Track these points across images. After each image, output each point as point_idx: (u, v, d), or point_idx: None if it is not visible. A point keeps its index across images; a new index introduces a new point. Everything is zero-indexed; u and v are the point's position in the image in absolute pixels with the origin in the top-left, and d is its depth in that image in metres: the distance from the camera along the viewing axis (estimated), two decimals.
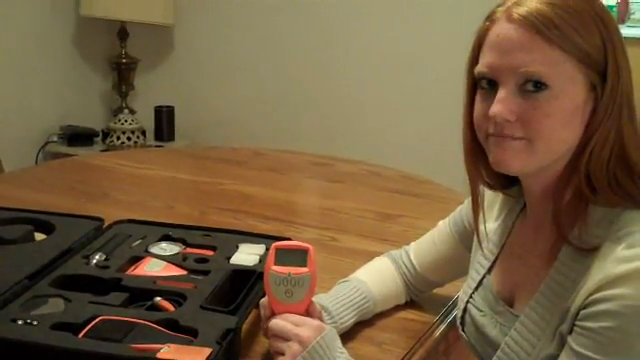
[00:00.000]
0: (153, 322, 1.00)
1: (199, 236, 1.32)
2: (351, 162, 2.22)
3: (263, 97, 3.30)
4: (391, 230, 1.63)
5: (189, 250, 1.27)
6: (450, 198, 1.73)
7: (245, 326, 1.05)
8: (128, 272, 1.18)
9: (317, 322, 0.97)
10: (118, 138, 3.25)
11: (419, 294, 1.25)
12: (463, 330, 1.07)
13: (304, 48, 3.19)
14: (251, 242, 1.30)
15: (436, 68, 2.94)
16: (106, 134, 3.29)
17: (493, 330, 0.99)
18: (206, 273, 1.17)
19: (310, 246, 0.99)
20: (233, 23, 3.29)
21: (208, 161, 2.25)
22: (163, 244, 1.28)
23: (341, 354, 0.96)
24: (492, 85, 0.89)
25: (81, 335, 0.97)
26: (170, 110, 3.32)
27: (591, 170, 0.87)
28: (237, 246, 1.28)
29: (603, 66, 0.86)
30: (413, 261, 1.22)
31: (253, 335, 1.09)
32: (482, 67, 0.89)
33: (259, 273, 1.14)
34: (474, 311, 1.04)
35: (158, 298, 1.08)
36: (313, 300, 1.00)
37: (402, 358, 1.09)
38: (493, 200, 1.07)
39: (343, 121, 3.16)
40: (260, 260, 1.22)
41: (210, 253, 1.26)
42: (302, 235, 1.55)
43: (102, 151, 3.15)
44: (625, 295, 0.80)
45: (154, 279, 1.14)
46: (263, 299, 1.01)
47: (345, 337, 1.07)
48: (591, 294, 0.82)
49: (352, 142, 3.06)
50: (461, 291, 1.10)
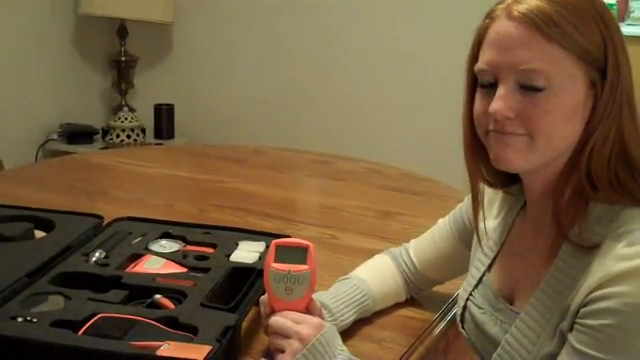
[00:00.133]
0: (153, 319, 1.00)
1: (199, 234, 1.32)
2: (351, 160, 2.22)
3: (263, 97, 3.30)
4: (391, 228, 1.63)
5: (189, 248, 1.27)
6: (450, 196, 1.74)
7: (245, 324, 1.05)
8: (128, 269, 1.18)
9: (317, 320, 0.97)
10: (118, 136, 3.25)
11: (419, 292, 1.25)
12: (463, 327, 1.07)
13: (304, 48, 3.18)
14: (251, 240, 1.30)
15: (436, 68, 2.93)
16: (106, 132, 3.29)
17: (493, 327, 0.99)
18: (206, 271, 1.17)
19: (310, 243, 0.99)
20: (233, 21, 3.29)
21: (208, 159, 2.25)
22: (163, 242, 1.28)
23: (341, 351, 0.96)
24: (492, 82, 0.89)
25: (81, 332, 0.97)
26: (170, 108, 3.32)
27: (592, 168, 0.87)
28: (237, 244, 1.28)
29: (603, 63, 0.86)
30: (413, 259, 1.22)
31: (253, 333, 1.09)
32: (482, 64, 0.89)
33: (259, 270, 1.14)
34: (474, 308, 1.04)
35: (158, 295, 1.08)
36: (313, 297, 1.00)
37: (402, 356, 1.09)
38: (493, 198, 1.07)
39: (343, 121, 3.16)
40: (260, 258, 1.22)
41: (210, 251, 1.26)
42: (302, 233, 1.55)
43: (102, 149, 3.15)
44: (625, 293, 0.80)
45: (154, 276, 1.14)
46: (263, 296, 1.01)
47: (345, 335, 1.07)
48: (591, 292, 0.82)
49: (352, 142, 3.06)
50: (461, 289, 1.10)
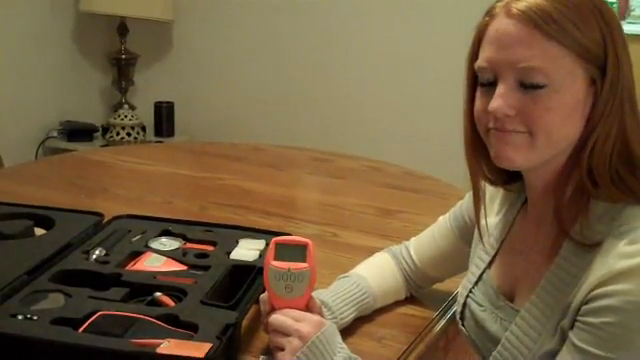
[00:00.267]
0: (153, 317, 1.00)
1: (199, 231, 1.32)
2: (351, 158, 2.22)
3: (263, 96, 3.29)
4: (391, 226, 1.63)
5: (189, 245, 1.27)
6: (450, 194, 1.74)
7: (245, 321, 1.05)
8: (128, 267, 1.18)
9: (317, 317, 0.97)
10: (118, 134, 3.25)
11: (419, 289, 1.25)
12: (463, 325, 1.07)
13: (304, 47, 3.18)
14: (251, 237, 1.29)
15: (436, 68, 2.93)
16: (106, 130, 3.29)
17: (493, 325, 0.99)
18: (206, 268, 1.17)
19: (309, 241, 0.98)
20: (232, 19, 3.29)
21: (208, 156, 2.25)
22: (163, 239, 1.28)
23: (341, 349, 0.96)
24: (492, 80, 0.89)
25: (81, 330, 0.97)
26: (170, 106, 3.31)
27: (593, 165, 0.87)
28: (237, 241, 1.28)
29: (603, 60, 0.86)
30: (413, 256, 1.22)
31: (253, 330, 1.09)
32: (482, 62, 0.89)
33: (259, 268, 1.14)
34: (474, 306, 1.04)
35: (158, 293, 1.08)
36: (313, 295, 1.00)
37: (402, 353, 1.09)
38: (494, 195, 1.07)
39: (343, 121, 3.16)
40: (260, 255, 1.22)
41: (210, 248, 1.26)
42: (302, 231, 1.55)
43: (102, 147, 3.15)
44: (627, 291, 0.80)
45: (154, 274, 1.14)
46: (263, 294, 1.01)
47: (345, 332, 1.07)
48: (593, 289, 0.82)
49: (352, 142, 3.05)
50: (460, 286, 1.10)
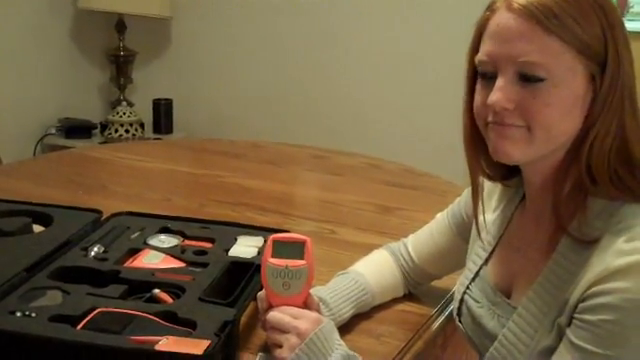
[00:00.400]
0: (152, 314, 1.00)
1: (198, 228, 1.32)
2: (350, 155, 2.22)
3: (262, 94, 3.29)
4: (390, 223, 1.63)
5: (188, 242, 1.27)
6: (449, 191, 1.74)
7: (243, 318, 1.05)
8: (126, 264, 1.18)
9: (315, 314, 0.97)
10: (116, 131, 3.25)
11: (417, 286, 1.25)
12: (460, 321, 1.07)
13: (304, 47, 3.18)
14: (249, 234, 1.30)
15: (436, 68, 2.93)
16: (104, 127, 3.28)
17: (490, 321, 0.99)
18: (205, 265, 1.17)
19: (307, 238, 0.99)
20: (231, 17, 3.28)
21: (206, 153, 2.25)
22: (162, 236, 1.28)
23: (339, 346, 0.96)
24: (492, 74, 0.89)
25: (79, 327, 0.97)
26: (168, 103, 3.31)
27: (592, 162, 0.87)
28: (235, 238, 1.28)
29: (603, 57, 0.85)
30: (411, 253, 1.22)
31: (251, 327, 1.09)
32: (482, 56, 0.89)
33: (257, 265, 1.14)
34: (471, 302, 1.04)
35: (157, 290, 1.08)
36: (311, 292, 1.00)
37: (400, 350, 1.09)
38: (492, 191, 1.07)
39: (343, 120, 3.15)
40: (258, 252, 1.22)
41: (209, 245, 1.26)
42: (301, 228, 1.55)
43: (100, 144, 3.15)
44: (625, 288, 0.80)
45: (153, 271, 1.14)
46: (260, 292, 1.01)
47: (343, 329, 1.07)
48: (590, 286, 0.82)
49: (352, 142, 3.04)
50: (458, 282, 1.10)
